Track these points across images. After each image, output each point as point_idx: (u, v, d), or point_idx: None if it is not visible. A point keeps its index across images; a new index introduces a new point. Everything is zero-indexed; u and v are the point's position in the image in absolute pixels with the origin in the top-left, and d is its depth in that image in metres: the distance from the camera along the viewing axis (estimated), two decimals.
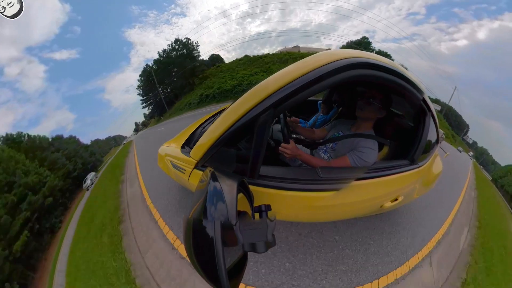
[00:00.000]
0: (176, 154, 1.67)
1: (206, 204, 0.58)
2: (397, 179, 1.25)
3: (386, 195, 1.28)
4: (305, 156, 1.28)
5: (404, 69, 1.14)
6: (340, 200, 1.12)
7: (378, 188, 1.20)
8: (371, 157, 1.24)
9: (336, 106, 2.36)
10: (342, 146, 1.41)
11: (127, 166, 6.86)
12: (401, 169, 1.27)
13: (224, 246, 0.48)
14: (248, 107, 0.96)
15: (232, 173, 1.08)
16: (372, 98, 1.28)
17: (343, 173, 1.16)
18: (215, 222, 0.51)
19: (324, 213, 1.26)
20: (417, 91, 1.17)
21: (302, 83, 0.88)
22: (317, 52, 0.98)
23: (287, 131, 1.38)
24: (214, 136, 1.13)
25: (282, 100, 0.90)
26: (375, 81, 1.00)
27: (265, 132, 0.96)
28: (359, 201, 1.18)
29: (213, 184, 0.65)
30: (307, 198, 1.10)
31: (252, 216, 0.77)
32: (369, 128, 1.38)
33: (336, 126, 1.64)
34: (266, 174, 1.11)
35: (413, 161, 1.35)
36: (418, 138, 1.34)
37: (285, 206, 1.14)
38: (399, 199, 1.36)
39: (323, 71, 0.88)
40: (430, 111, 1.35)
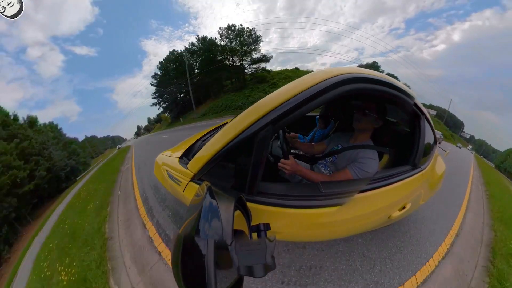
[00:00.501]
0: (174, 164, 1.63)
1: (200, 220, 0.53)
2: (402, 186, 1.22)
3: (392, 204, 1.24)
4: (305, 172, 1.27)
5: (393, 78, 1.19)
6: (344, 215, 1.08)
7: (383, 198, 1.16)
8: (372, 167, 1.22)
9: (333, 120, 2.39)
10: (342, 158, 1.40)
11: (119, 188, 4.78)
12: (404, 175, 1.26)
13: (217, 269, 0.43)
14: (248, 123, 0.99)
15: (229, 189, 1.06)
16: (367, 110, 1.31)
17: (346, 186, 1.14)
18: (209, 240, 0.46)
19: (328, 230, 1.20)
20: (408, 97, 1.21)
21: (299, 100, 0.92)
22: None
23: (286, 147, 1.38)
24: (213, 150, 1.13)
25: (281, 117, 0.93)
26: (368, 93, 1.04)
27: (265, 148, 0.97)
28: (365, 214, 1.14)
29: (209, 199, 0.60)
30: (309, 215, 1.06)
31: (250, 236, 0.72)
32: (367, 138, 1.39)
33: (334, 140, 1.65)
34: (265, 190, 1.08)
35: (415, 165, 1.34)
36: (416, 141, 1.35)
37: (285, 224, 1.10)
38: (407, 207, 1.31)
39: (319, 88, 0.92)
40: (423, 114, 1.37)
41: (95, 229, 3.35)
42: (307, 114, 0.98)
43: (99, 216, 3.75)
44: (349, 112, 1.49)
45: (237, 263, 0.46)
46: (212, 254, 0.44)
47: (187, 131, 14.23)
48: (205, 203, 0.59)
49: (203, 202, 0.59)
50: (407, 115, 1.39)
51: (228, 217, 0.56)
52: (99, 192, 5.76)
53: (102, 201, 4.52)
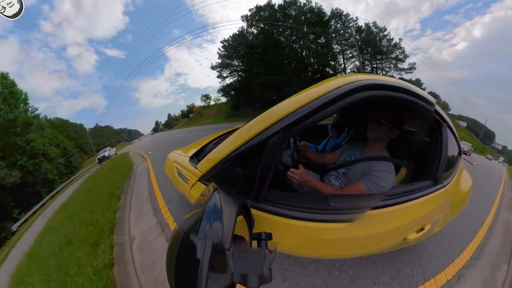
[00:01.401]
0: (184, 163, 1.70)
1: (202, 219, 0.54)
2: (421, 204, 1.10)
3: (409, 225, 1.12)
4: (315, 183, 1.21)
5: (409, 83, 1.12)
6: (354, 233, 0.99)
7: (399, 217, 1.06)
8: (388, 181, 1.13)
9: (347, 129, 2.30)
10: (355, 171, 1.32)
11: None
12: (424, 192, 1.14)
13: (210, 271, 0.42)
14: (259, 129, 0.99)
15: (235, 193, 1.04)
16: (382, 118, 1.23)
17: (357, 202, 1.06)
18: (207, 241, 0.46)
19: (335, 248, 1.11)
20: (427, 103, 1.12)
21: (312, 108, 0.91)
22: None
23: (296, 155, 1.36)
24: (223, 153, 1.15)
25: (292, 124, 0.92)
26: (383, 100, 1.00)
27: (274, 155, 0.96)
28: (377, 234, 1.04)
29: (214, 200, 0.61)
30: (315, 229, 0.99)
31: (250, 243, 0.70)
32: (382, 149, 1.30)
33: (347, 150, 1.57)
34: (271, 199, 1.05)
35: (437, 180, 1.22)
36: (438, 153, 1.23)
37: (289, 236, 1.04)
38: (426, 228, 1.17)
39: (332, 96, 0.91)
40: (445, 122, 1.26)
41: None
42: (319, 122, 0.96)
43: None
44: (363, 121, 1.41)
45: (232, 269, 0.44)
46: (208, 255, 0.44)
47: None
48: (209, 203, 0.60)
49: (208, 203, 0.60)
50: (427, 123, 1.29)
51: (230, 221, 0.56)
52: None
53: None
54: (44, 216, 8.71)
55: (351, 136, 2.15)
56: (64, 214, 5.72)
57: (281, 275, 1.72)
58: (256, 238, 0.67)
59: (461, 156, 1.62)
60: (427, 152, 1.30)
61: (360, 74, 1.03)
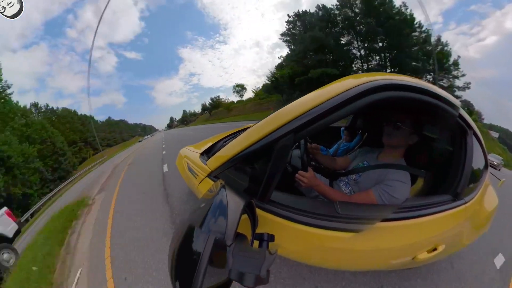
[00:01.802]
0: (194, 158, 1.77)
1: (207, 214, 0.57)
2: (437, 221, 1.01)
3: (421, 243, 1.03)
4: (323, 187, 1.16)
5: (431, 84, 1.03)
6: (360, 245, 0.94)
7: (410, 233, 0.98)
8: (402, 193, 1.06)
9: (361, 133, 2.21)
10: (367, 178, 1.25)
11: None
12: (441, 207, 1.04)
13: (209, 265, 0.44)
14: (270, 129, 0.98)
15: (241, 192, 1.04)
16: (400, 122, 1.15)
17: (367, 211, 1.00)
18: (210, 235, 0.48)
19: (338, 259, 1.06)
20: (450, 107, 1.01)
21: (324, 109, 0.87)
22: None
23: (306, 158, 1.31)
24: (233, 151, 1.15)
25: (304, 126, 0.90)
26: (402, 102, 0.93)
27: (284, 156, 0.94)
28: (384, 249, 0.97)
29: (220, 197, 0.63)
30: (318, 236, 0.95)
31: (251, 243, 0.70)
32: (399, 157, 1.22)
33: (360, 155, 1.49)
34: (277, 200, 1.03)
35: (457, 195, 1.10)
36: (461, 164, 1.11)
37: (291, 240, 1.02)
38: (439, 249, 1.06)
39: (346, 97, 0.86)
40: (471, 129, 1.14)
41: None
42: (332, 124, 0.93)
43: None
44: (379, 125, 1.33)
45: (230, 266, 0.46)
46: (210, 249, 0.45)
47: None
48: (216, 199, 0.62)
49: (215, 199, 0.63)
50: (450, 130, 1.18)
51: (234, 218, 0.57)
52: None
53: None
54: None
55: (365, 141, 2.06)
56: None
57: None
58: (258, 238, 0.68)
59: (487, 169, 1.48)
60: (448, 163, 1.19)
61: (377, 73, 0.96)
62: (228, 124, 25.42)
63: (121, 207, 4.22)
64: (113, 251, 2.76)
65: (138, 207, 3.92)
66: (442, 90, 1.03)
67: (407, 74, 1.10)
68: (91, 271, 2.56)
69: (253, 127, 1.15)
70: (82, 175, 17.52)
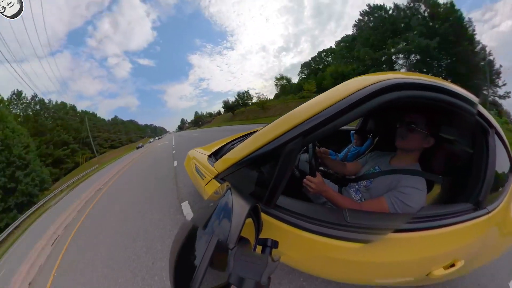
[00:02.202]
0: (202, 160, 1.82)
1: (212, 216, 0.57)
2: (455, 233, 0.92)
3: (436, 258, 0.93)
4: (332, 194, 1.12)
5: (445, 81, 0.95)
6: (369, 257, 0.87)
7: (424, 246, 0.90)
8: (417, 201, 0.99)
9: (372, 136, 2.12)
10: (379, 184, 1.18)
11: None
12: (460, 217, 0.94)
13: (210, 266, 0.44)
14: (277, 133, 0.96)
15: (247, 195, 1.04)
16: (414, 124, 1.08)
17: (378, 220, 0.94)
18: (213, 237, 0.48)
19: (345, 271, 0.99)
20: (468, 104, 0.92)
21: (333, 112, 0.84)
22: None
23: (314, 163, 1.29)
24: (240, 155, 1.16)
25: (312, 129, 0.87)
26: (415, 102, 0.87)
27: (291, 161, 0.92)
28: (395, 263, 0.90)
29: (226, 199, 0.64)
30: (324, 245, 0.90)
31: (254, 248, 0.70)
32: (413, 161, 1.15)
33: (371, 160, 1.43)
34: (283, 206, 1.01)
35: (479, 204, 0.99)
36: (483, 168, 1.00)
37: (296, 248, 0.98)
38: (458, 265, 0.94)
39: (355, 98, 0.83)
40: (493, 127, 1.03)
41: None
42: (341, 128, 0.91)
43: None
44: (391, 127, 1.26)
45: (230, 269, 0.45)
46: (211, 251, 0.45)
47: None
48: (221, 201, 0.63)
49: (220, 201, 0.63)
50: (469, 130, 1.08)
51: (238, 221, 0.57)
52: None
53: None
54: None
55: (376, 145, 1.98)
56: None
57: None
58: (261, 244, 0.66)
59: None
60: (468, 167, 1.08)
61: (387, 72, 0.91)
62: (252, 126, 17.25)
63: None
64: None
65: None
66: (458, 86, 0.96)
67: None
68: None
69: (261, 130, 1.15)
70: (44, 206, 12.39)
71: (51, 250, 4.21)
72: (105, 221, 4.47)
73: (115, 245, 3.17)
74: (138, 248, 2.81)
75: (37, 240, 5.27)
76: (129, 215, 4.13)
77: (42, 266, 3.69)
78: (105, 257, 2.95)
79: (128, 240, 3.13)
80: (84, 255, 3.30)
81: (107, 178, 10.58)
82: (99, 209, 5.68)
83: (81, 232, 4.49)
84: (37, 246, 4.78)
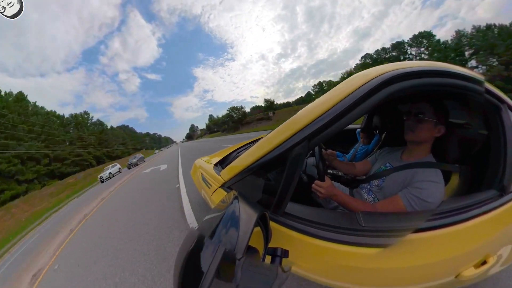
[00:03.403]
0: (209, 169, 1.83)
1: (218, 225, 0.56)
2: (482, 225, 0.83)
3: (465, 256, 0.82)
4: (343, 197, 1.07)
5: (447, 64, 0.91)
6: (388, 263, 0.80)
7: (449, 244, 0.81)
8: (435, 195, 0.92)
9: (378, 132, 2.05)
10: (392, 182, 1.12)
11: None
12: (485, 207, 0.85)
13: (216, 277, 0.42)
14: (282, 139, 0.95)
15: (255, 203, 1.01)
16: (422, 113, 1.03)
17: (394, 221, 0.88)
18: (219, 246, 0.46)
19: (363, 279, 0.90)
20: (475, 83, 0.87)
21: (336, 112, 0.82)
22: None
23: (322, 166, 1.25)
24: (246, 162, 1.15)
25: (317, 132, 0.86)
26: (419, 91, 0.83)
27: (298, 166, 0.90)
28: (418, 267, 0.80)
29: (233, 208, 0.62)
30: (339, 253, 0.84)
31: (263, 258, 0.67)
32: (426, 153, 1.09)
33: (381, 157, 1.37)
34: (293, 213, 0.97)
35: (504, 189, 0.90)
36: (502, 149, 0.92)
37: (307, 257, 0.92)
38: (490, 261, 0.83)
39: (357, 95, 0.81)
40: (504, 102, 0.96)
41: None
42: (346, 127, 0.87)
43: None
44: (398, 120, 1.20)
45: (238, 281, 0.43)
46: (218, 261, 0.43)
47: None
48: (228, 210, 0.61)
49: (227, 209, 0.62)
50: (480, 110, 1.01)
51: (246, 230, 0.55)
52: None
53: None
54: None
55: (384, 141, 1.91)
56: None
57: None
58: (271, 253, 0.64)
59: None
60: (485, 150, 1.00)
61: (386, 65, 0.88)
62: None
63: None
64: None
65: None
66: (460, 67, 0.91)
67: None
68: None
69: (265, 137, 1.15)
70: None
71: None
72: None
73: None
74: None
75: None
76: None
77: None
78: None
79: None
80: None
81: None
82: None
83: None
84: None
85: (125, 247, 3.39)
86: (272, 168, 1.08)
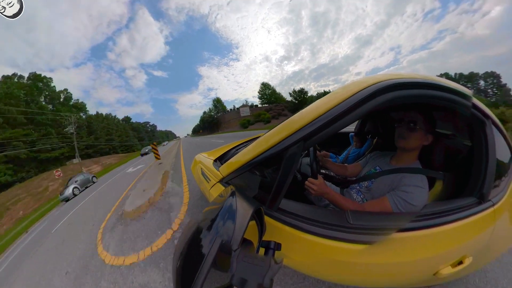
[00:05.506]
0: (208, 164, 1.89)
1: (216, 217, 0.58)
2: (460, 229, 0.90)
3: (443, 255, 0.90)
4: (334, 196, 1.11)
5: (437, 77, 0.97)
6: (373, 258, 0.86)
7: (430, 244, 0.87)
8: (420, 198, 0.98)
9: (370, 137, 2.12)
10: (380, 184, 1.18)
11: None
12: (465, 212, 0.93)
13: (213, 267, 0.45)
14: (279, 138, 0.99)
15: (251, 198, 1.05)
16: (413, 122, 1.09)
17: (381, 221, 0.93)
18: (216, 238, 0.49)
19: (349, 273, 0.97)
20: (462, 98, 0.93)
21: (332, 115, 0.86)
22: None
23: (315, 165, 1.30)
24: (244, 159, 1.19)
25: (312, 133, 0.90)
26: (411, 101, 0.88)
27: (293, 164, 0.94)
28: (400, 263, 0.87)
29: (230, 202, 0.65)
30: (327, 247, 0.89)
31: (257, 250, 0.70)
32: (413, 159, 1.15)
33: (372, 161, 1.43)
34: (286, 208, 1.02)
35: (483, 196, 0.97)
36: (483, 160, 0.99)
37: (299, 250, 0.97)
38: (466, 262, 0.91)
39: (353, 101, 0.84)
40: (489, 118, 1.03)
41: None
42: (340, 130, 0.92)
43: None
44: (389, 127, 1.25)
45: (233, 271, 0.45)
46: (215, 252, 0.46)
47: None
48: (226, 204, 0.64)
49: (225, 203, 0.65)
50: (466, 123, 1.09)
51: (242, 223, 0.57)
52: None
53: None
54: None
55: (376, 145, 1.97)
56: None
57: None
58: (264, 246, 0.67)
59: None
60: (468, 160, 1.07)
61: (381, 74, 0.93)
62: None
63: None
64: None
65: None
66: (451, 81, 0.96)
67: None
68: None
69: (263, 135, 1.18)
70: None
71: None
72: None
73: None
74: None
75: None
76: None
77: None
78: None
79: None
80: None
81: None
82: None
83: None
84: None
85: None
86: (269, 165, 1.11)
